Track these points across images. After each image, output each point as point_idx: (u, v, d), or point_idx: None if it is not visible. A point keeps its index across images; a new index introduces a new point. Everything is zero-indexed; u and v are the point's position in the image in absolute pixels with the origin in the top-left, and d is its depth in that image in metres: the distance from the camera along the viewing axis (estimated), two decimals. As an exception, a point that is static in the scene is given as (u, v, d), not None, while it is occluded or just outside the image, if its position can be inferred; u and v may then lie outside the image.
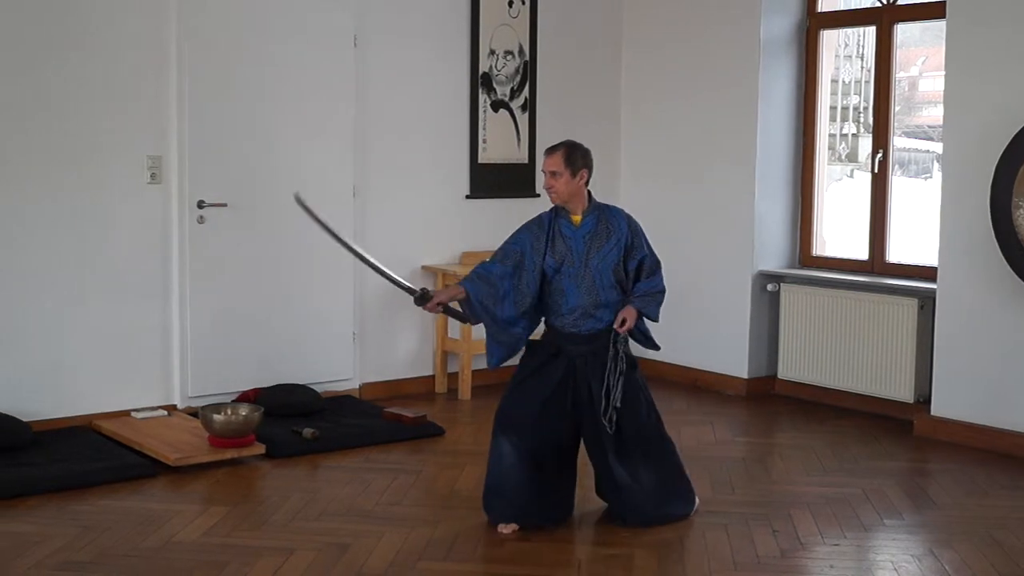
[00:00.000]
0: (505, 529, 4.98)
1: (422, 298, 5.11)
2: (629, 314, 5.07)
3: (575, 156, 5.07)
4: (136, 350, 6.62)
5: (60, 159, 6.31)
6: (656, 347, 5.36)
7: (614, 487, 5.11)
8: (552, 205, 5.20)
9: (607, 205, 5.25)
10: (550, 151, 5.11)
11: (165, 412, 6.61)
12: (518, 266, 5.12)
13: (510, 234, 5.26)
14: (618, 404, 5.04)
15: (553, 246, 5.12)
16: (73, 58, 6.31)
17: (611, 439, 5.07)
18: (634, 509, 5.08)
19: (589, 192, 5.18)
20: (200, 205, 6.70)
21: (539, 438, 5.05)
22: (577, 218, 5.13)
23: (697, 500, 5.29)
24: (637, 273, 5.16)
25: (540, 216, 5.23)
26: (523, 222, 8.00)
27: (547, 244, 5.11)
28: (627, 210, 8.18)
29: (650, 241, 5.26)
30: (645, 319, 5.21)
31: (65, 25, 6.28)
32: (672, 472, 5.24)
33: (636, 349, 5.25)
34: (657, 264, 5.22)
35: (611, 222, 5.15)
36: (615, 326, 5.06)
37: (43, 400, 6.31)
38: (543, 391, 5.10)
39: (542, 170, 5.15)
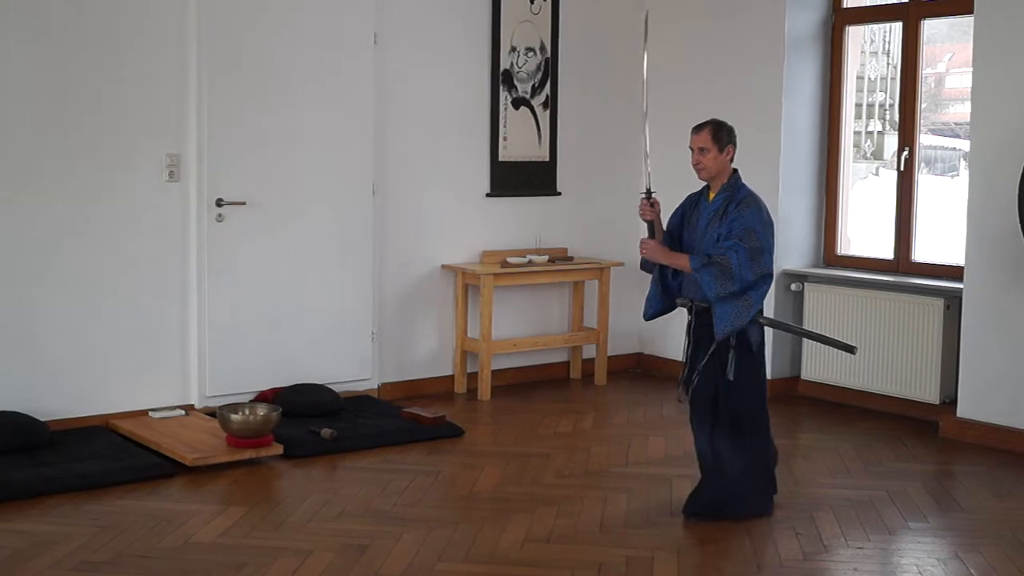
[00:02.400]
0: None
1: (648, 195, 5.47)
2: (651, 243, 5.37)
3: (721, 133, 5.25)
4: (154, 349, 6.60)
5: (78, 157, 6.30)
6: (719, 332, 5.17)
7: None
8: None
9: (744, 188, 5.28)
10: (697, 129, 5.28)
11: (183, 412, 6.59)
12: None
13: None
14: (731, 377, 5.17)
15: (691, 216, 5.39)
16: (92, 56, 6.29)
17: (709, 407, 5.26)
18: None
19: (736, 171, 5.30)
20: (219, 203, 6.68)
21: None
22: (713, 195, 5.32)
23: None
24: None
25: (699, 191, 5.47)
26: (544, 220, 8.05)
27: (688, 212, 5.42)
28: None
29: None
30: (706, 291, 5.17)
31: (84, 24, 6.26)
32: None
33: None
34: (735, 242, 5.10)
35: (737, 204, 5.22)
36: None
37: (61, 400, 6.29)
38: (689, 361, 5.38)
39: (689, 147, 5.30)
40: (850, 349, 5.42)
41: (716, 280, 5.07)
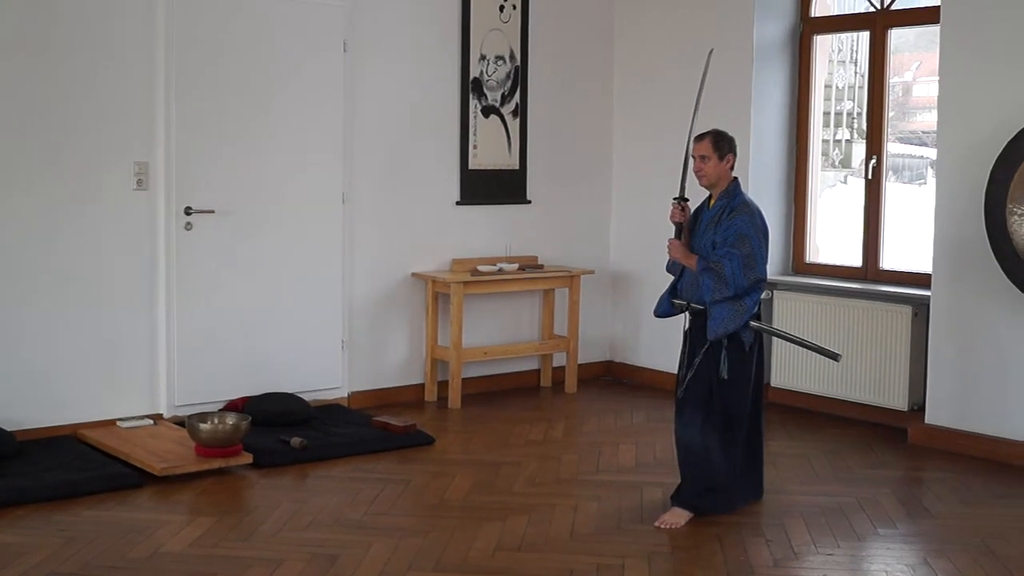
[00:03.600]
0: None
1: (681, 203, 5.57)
2: (675, 243, 5.49)
3: (722, 142, 5.50)
4: (122, 358, 6.56)
5: (45, 165, 6.25)
6: (712, 334, 5.31)
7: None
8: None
9: (740, 196, 5.46)
10: (699, 137, 5.52)
11: (151, 421, 6.54)
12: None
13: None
14: (724, 376, 5.32)
15: (695, 225, 5.56)
16: (59, 63, 6.25)
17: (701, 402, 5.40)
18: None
19: (736, 179, 5.50)
20: (187, 211, 6.64)
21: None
22: (712, 202, 5.53)
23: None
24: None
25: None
26: (514, 229, 8.04)
27: (696, 223, 5.57)
28: (619, 215, 8.14)
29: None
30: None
31: (51, 30, 6.22)
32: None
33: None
34: (728, 249, 5.28)
35: (730, 212, 5.39)
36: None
37: (28, 409, 6.24)
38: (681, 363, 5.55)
39: (692, 155, 5.52)
40: (835, 356, 5.55)
41: (713, 284, 5.27)
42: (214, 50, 6.69)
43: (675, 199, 5.57)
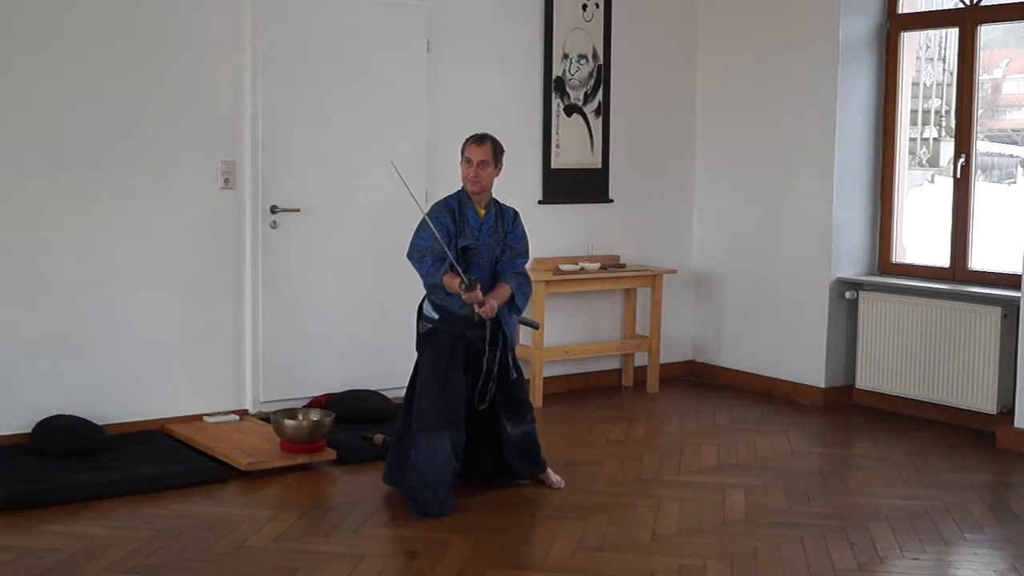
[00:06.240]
0: None
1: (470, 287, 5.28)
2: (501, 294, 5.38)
3: (499, 149, 5.46)
4: (209, 355, 6.65)
5: (134, 164, 6.36)
6: (512, 338, 5.53)
7: (505, 442, 5.56)
8: (453, 192, 5.55)
9: (497, 202, 5.56)
10: (479, 141, 5.42)
11: (237, 417, 6.63)
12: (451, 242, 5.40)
13: (421, 231, 5.50)
14: (515, 376, 5.52)
15: (463, 233, 5.42)
16: (148, 63, 6.36)
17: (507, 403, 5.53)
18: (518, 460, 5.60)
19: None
20: (273, 210, 6.72)
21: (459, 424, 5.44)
22: (483, 212, 5.48)
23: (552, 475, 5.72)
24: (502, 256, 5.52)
25: (446, 201, 5.51)
26: (596, 228, 8.00)
27: (458, 230, 5.40)
28: (702, 214, 8.09)
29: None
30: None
31: (141, 31, 6.33)
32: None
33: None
34: (524, 258, 5.55)
35: (504, 218, 5.52)
36: (478, 310, 5.27)
37: (117, 404, 6.36)
38: (457, 380, 5.42)
39: (468, 158, 5.43)
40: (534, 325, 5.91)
41: (525, 293, 5.49)
42: (299, 50, 6.76)
43: (465, 282, 5.20)
